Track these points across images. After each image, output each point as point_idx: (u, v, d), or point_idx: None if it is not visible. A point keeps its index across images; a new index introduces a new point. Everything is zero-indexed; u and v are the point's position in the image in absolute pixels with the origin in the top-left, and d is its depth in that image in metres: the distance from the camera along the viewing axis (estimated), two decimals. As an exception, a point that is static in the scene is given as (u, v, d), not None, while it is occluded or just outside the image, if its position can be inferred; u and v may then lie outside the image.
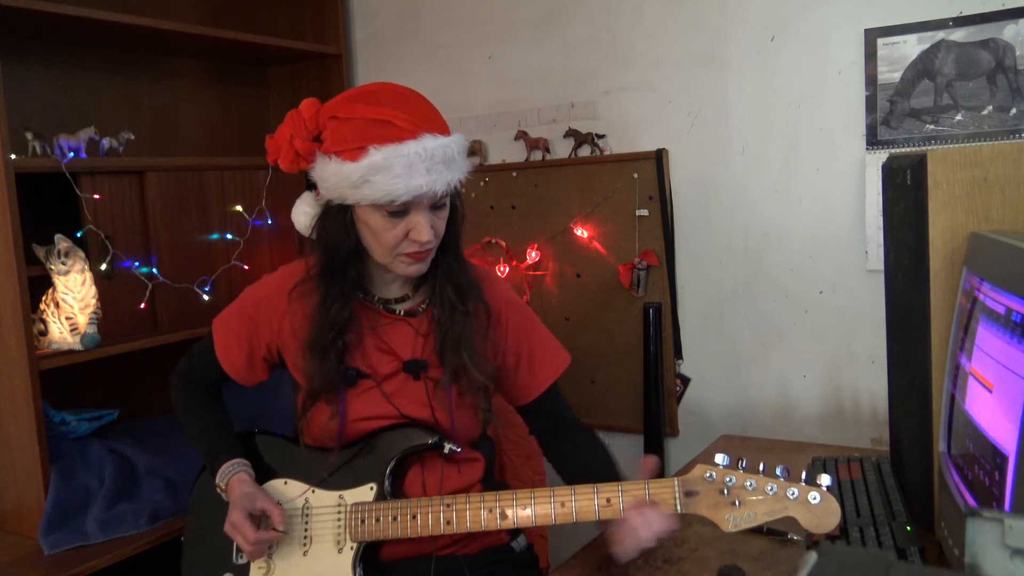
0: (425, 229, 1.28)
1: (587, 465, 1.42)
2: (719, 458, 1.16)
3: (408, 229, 1.29)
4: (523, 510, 1.25)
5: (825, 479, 1.12)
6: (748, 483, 1.14)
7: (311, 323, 1.37)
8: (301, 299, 1.40)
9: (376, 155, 1.23)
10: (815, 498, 1.11)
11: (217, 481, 1.39)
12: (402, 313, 1.42)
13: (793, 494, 1.12)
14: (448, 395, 1.40)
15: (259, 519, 1.35)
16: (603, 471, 1.37)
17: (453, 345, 1.38)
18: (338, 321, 1.35)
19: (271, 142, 1.35)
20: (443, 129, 1.29)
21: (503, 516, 1.25)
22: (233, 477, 1.38)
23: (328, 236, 1.35)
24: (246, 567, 1.39)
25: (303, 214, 1.38)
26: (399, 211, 1.27)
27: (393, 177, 1.23)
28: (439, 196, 1.27)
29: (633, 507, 1.21)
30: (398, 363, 1.41)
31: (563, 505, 1.23)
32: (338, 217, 1.33)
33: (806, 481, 1.13)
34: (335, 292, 1.36)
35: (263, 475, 1.42)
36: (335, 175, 1.27)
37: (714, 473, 1.16)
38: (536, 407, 1.52)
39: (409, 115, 1.26)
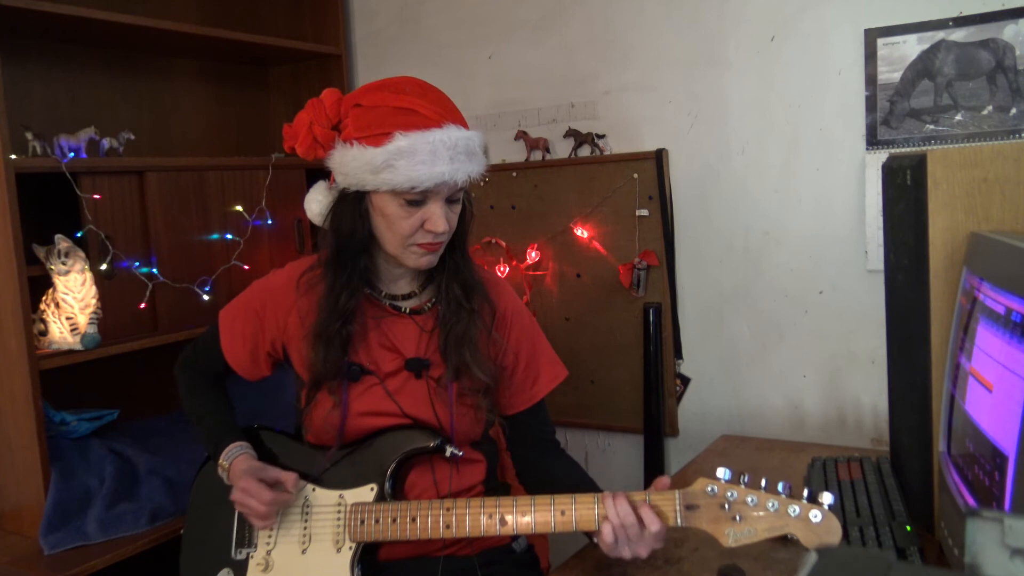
0: (441, 219, 1.29)
1: (573, 489, 1.34)
2: (721, 472, 1.16)
3: (424, 219, 1.30)
4: (523, 517, 1.25)
5: (827, 497, 1.11)
6: (750, 499, 1.14)
7: (318, 311, 1.38)
8: (309, 288, 1.41)
9: (402, 140, 1.25)
10: (816, 516, 1.11)
11: (220, 461, 1.39)
12: (407, 311, 1.43)
13: (794, 511, 1.11)
14: (449, 394, 1.40)
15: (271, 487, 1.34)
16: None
17: (456, 342, 1.38)
18: (345, 310, 1.36)
19: (288, 129, 1.36)
20: (464, 123, 1.33)
21: (503, 522, 1.25)
22: (238, 457, 1.38)
23: (341, 224, 1.35)
24: (244, 563, 1.39)
25: (315, 202, 1.38)
26: (417, 200, 1.29)
27: (417, 163, 1.24)
28: (458, 186, 1.29)
29: (614, 522, 1.18)
30: (401, 360, 1.41)
31: (563, 513, 1.23)
32: (353, 205, 1.33)
33: (808, 498, 1.13)
34: (343, 281, 1.37)
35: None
36: (356, 160, 1.28)
37: (715, 487, 1.15)
38: (524, 418, 1.52)
39: (433, 105, 1.29)
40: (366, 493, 1.36)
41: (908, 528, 1.28)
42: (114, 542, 1.83)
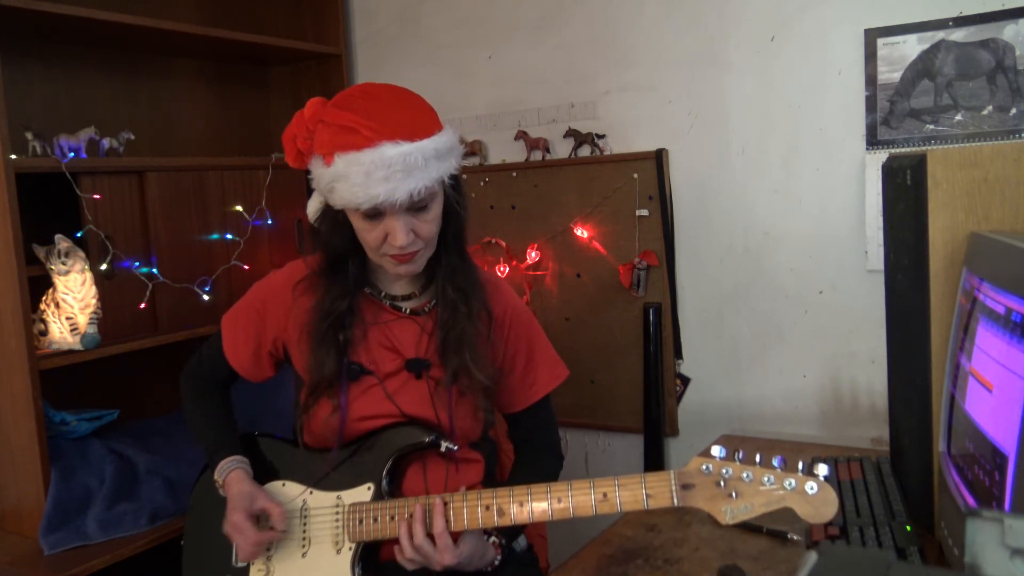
0: (399, 233, 1.28)
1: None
2: (715, 450, 1.16)
3: (386, 232, 1.29)
4: (520, 507, 1.25)
5: (823, 469, 1.12)
6: (745, 475, 1.14)
7: (312, 316, 1.39)
8: (305, 294, 1.42)
9: (339, 163, 1.25)
10: (812, 488, 1.11)
11: (215, 476, 1.40)
12: (407, 311, 1.43)
13: (790, 484, 1.12)
14: (448, 395, 1.40)
15: (259, 518, 1.35)
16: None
17: (455, 345, 1.38)
18: (333, 311, 1.37)
19: (283, 140, 1.38)
20: (412, 133, 1.25)
21: (500, 513, 1.25)
22: (231, 474, 1.38)
23: (325, 232, 1.38)
24: (245, 570, 1.39)
25: (312, 208, 1.41)
26: (374, 215, 1.28)
27: (352, 186, 1.24)
28: (399, 204, 1.26)
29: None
30: (401, 361, 1.41)
31: (560, 501, 1.23)
32: (334, 215, 1.35)
33: (804, 472, 1.13)
34: (336, 285, 1.38)
35: (262, 477, 1.42)
36: (317, 177, 1.31)
37: (710, 465, 1.16)
38: (523, 419, 1.53)
39: (374, 122, 1.24)
40: (363, 492, 1.36)
41: (908, 528, 1.28)
42: (114, 542, 1.83)
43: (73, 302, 1.89)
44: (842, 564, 0.59)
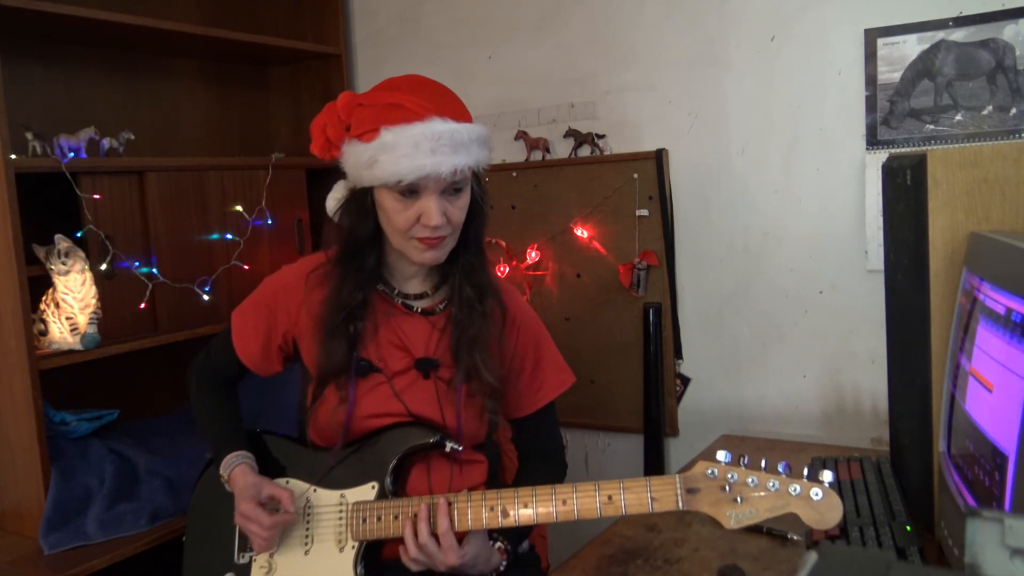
0: (435, 213, 1.28)
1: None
2: (721, 455, 1.16)
3: (419, 213, 1.30)
4: (524, 508, 1.25)
5: (827, 475, 1.12)
6: (750, 480, 1.14)
7: (326, 307, 1.39)
8: (319, 284, 1.42)
9: (386, 135, 1.26)
10: (817, 494, 1.11)
11: (221, 471, 1.40)
12: (419, 310, 1.43)
13: (795, 490, 1.12)
14: (457, 395, 1.40)
15: (268, 507, 1.35)
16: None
17: (468, 344, 1.38)
18: (349, 303, 1.37)
19: (311, 129, 1.39)
20: (458, 115, 1.30)
21: (505, 514, 1.25)
22: (236, 468, 1.39)
23: (349, 219, 1.38)
24: (248, 567, 1.39)
25: (333, 200, 1.41)
26: (410, 193, 1.29)
27: (399, 156, 1.25)
28: (444, 178, 1.27)
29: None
30: (410, 360, 1.41)
31: (565, 503, 1.23)
32: (359, 201, 1.35)
33: (808, 477, 1.13)
34: (351, 276, 1.38)
35: (265, 474, 1.42)
36: (353, 157, 1.31)
37: (716, 470, 1.16)
38: (528, 424, 1.53)
39: (421, 99, 1.28)
40: (367, 491, 1.36)
41: (908, 528, 1.28)
42: (114, 542, 1.82)
43: (73, 302, 1.89)
44: (842, 564, 0.59)
